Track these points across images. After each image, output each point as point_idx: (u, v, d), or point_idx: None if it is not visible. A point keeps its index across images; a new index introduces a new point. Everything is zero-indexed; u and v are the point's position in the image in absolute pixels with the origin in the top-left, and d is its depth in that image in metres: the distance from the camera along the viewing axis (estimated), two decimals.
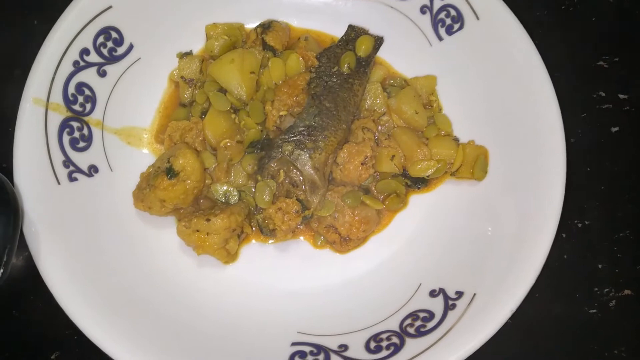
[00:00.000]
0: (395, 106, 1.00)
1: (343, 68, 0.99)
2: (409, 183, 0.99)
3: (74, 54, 0.93)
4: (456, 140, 1.00)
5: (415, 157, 0.97)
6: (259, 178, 0.93)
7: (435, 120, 1.01)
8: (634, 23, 1.14)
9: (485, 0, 0.98)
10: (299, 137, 0.93)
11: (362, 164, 0.94)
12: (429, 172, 0.96)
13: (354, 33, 1.04)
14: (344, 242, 0.95)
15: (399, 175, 0.99)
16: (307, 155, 0.92)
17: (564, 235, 1.01)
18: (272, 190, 0.92)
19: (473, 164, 0.97)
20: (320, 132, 0.93)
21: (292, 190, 0.93)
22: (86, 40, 0.94)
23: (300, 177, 0.92)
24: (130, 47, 0.99)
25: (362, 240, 0.97)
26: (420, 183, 0.99)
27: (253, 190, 0.94)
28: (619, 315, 0.98)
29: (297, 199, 0.92)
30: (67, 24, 0.92)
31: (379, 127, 1.00)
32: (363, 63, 1.01)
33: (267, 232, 0.93)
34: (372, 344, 0.85)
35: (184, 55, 1.02)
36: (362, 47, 1.02)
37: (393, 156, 0.97)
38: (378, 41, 1.05)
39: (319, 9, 1.07)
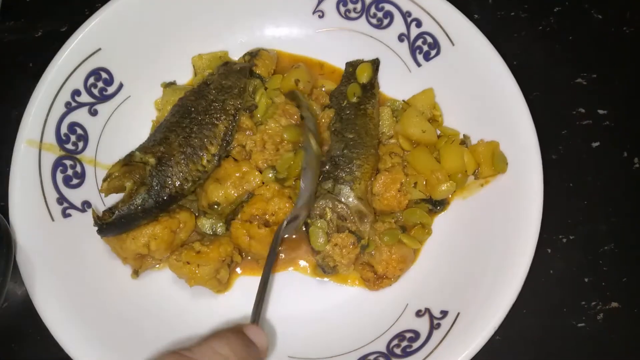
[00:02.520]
0: (401, 130, 1.02)
1: (352, 99, 1.03)
2: (430, 207, 1.00)
3: (65, 96, 0.97)
4: (464, 143, 1.01)
5: (433, 181, 0.97)
6: (309, 221, 0.95)
7: (443, 133, 1.03)
8: (610, 40, 1.17)
9: (459, 26, 1.01)
10: (335, 173, 0.96)
11: (398, 190, 0.96)
12: (452, 191, 0.98)
13: (351, 67, 1.08)
14: (378, 280, 0.95)
15: (422, 201, 0.99)
16: (348, 187, 0.94)
17: (549, 250, 1.03)
18: (325, 230, 0.94)
19: (491, 160, 0.97)
20: (353, 163, 0.96)
21: (341, 224, 0.94)
22: (77, 81, 0.98)
23: (347, 210, 0.94)
24: (120, 86, 1.03)
25: (397, 278, 0.97)
26: (440, 204, 1.00)
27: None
28: (607, 327, 0.99)
29: (350, 231, 0.94)
30: (58, 67, 0.96)
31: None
32: (368, 87, 1.05)
33: (329, 270, 0.95)
34: None
35: (168, 85, 1.06)
36: (364, 75, 1.06)
37: (415, 183, 0.98)
38: (375, 63, 1.08)
39: (301, 40, 1.10)
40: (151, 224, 0.92)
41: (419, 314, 0.91)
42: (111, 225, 0.88)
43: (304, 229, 0.95)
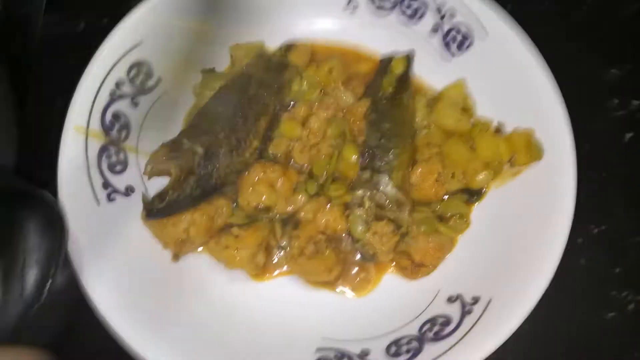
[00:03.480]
0: (435, 120, 1.04)
1: (387, 90, 1.05)
2: (467, 198, 1.01)
3: (110, 85, 1.00)
4: (499, 131, 1.02)
5: (471, 171, 0.99)
6: (347, 211, 0.97)
7: (476, 122, 1.04)
8: None
9: (493, 16, 1.01)
10: (373, 163, 0.98)
11: (436, 181, 0.98)
12: (490, 180, 0.99)
13: (386, 62, 1.10)
14: (416, 269, 0.97)
15: (458, 192, 1.01)
16: (386, 176, 0.96)
17: (580, 240, 1.03)
18: (364, 219, 0.96)
19: (527, 149, 0.97)
20: (391, 152, 0.98)
21: (380, 213, 0.96)
22: (120, 72, 1.01)
23: (386, 199, 0.96)
24: (159, 80, 1.05)
25: (435, 267, 0.98)
26: (477, 194, 1.01)
27: None
28: (637, 318, 1.00)
29: (389, 220, 0.95)
30: (103, 58, 0.99)
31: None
32: (403, 79, 1.07)
33: (368, 257, 0.97)
34: (393, 349, 0.89)
35: (207, 71, 1.08)
36: (399, 68, 1.07)
37: (453, 173, 0.99)
38: (409, 56, 1.10)
39: (335, 32, 1.12)
40: (189, 210, 0.95)
41: (450, 299, 0.93)
42: (161, 210, 0.92)
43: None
